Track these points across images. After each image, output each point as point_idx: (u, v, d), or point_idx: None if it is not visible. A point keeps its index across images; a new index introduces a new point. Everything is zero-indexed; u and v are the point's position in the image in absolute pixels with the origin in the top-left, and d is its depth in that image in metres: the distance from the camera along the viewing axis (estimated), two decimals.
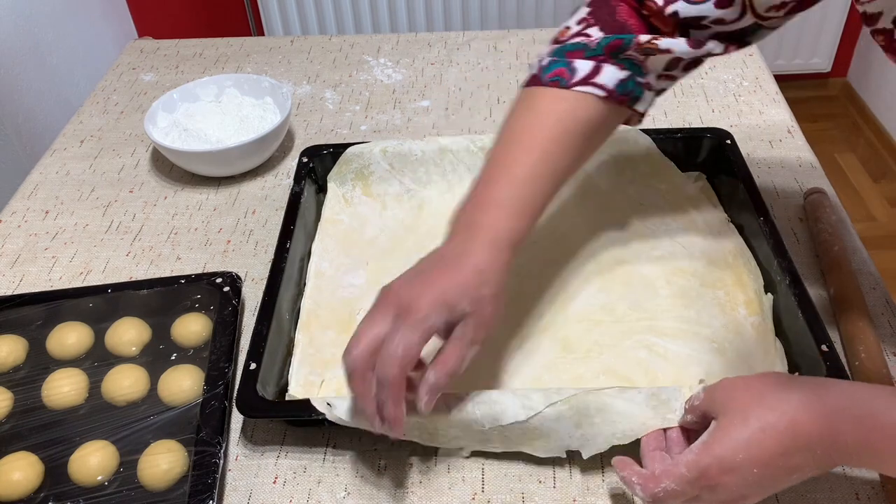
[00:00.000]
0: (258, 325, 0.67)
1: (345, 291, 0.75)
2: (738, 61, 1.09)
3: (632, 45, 0.62)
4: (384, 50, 1.16)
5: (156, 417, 0.65)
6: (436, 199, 0.85)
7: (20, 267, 0.83)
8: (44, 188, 0.94)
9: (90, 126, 1.04)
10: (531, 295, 0.74)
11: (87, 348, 0.71)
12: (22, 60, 1.45)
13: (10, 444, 0.63)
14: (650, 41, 0.62)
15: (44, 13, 1.54)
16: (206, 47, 1.19)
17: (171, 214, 0.89)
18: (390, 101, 1.06)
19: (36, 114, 1.46)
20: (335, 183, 0.86)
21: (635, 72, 0.64)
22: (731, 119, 0.98)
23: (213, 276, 0.75)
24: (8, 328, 0.72)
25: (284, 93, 0.96)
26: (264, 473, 0.63)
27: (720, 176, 0.84)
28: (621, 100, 0.63)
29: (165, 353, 0.70)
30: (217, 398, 0.64)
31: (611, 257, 0.77)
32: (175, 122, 0.94)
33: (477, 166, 0.86)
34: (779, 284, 0.70)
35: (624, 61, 0.63)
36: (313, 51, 1.17)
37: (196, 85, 0.99)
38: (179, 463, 0.60)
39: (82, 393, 0.67)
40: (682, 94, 1.03)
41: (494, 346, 0.69)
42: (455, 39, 1.18)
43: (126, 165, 0.97)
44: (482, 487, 0.60)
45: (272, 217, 0.87)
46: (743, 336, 0.69)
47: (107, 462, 0.61)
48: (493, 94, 1.06)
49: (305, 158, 0.86)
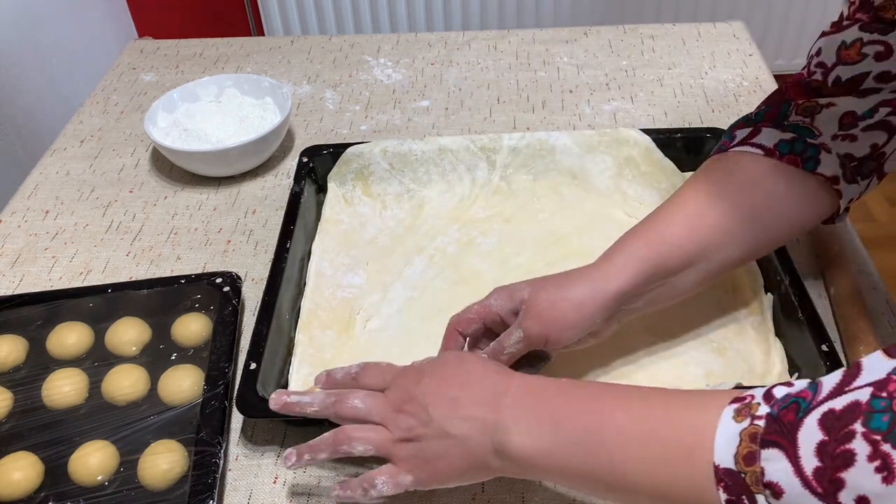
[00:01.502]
0: (258, 325, 0.67)
1: (345, 291, 0.75)
2: (738, 61, 1.09)
3: (791, 108, 0.63)
4: (384, 50, 1.16)
5: (156, 417, 0.65)
6: (436, 199, 0.85)
7: (20, 267, 0.83)
8: (44, 188, 0.94)
9: (90, 126, 1.04)
10: None
11: (87, 348, 0.71)
12: (22, 60, 1.45)
13: (10, 444, 0.63)
14: (809, 100, 0.63)
15: (44, 13, 1.54)
16: (206, 47, 1.19)
17: (171, 214, 0.89)
18: (390, 101, 1.06)
19: (36, 114, 1.46)
20: (335, 183, 0.86)
21: (803, 134, 0.63)
22: (731, 119, 0.97)
23: (213, 276, 0.75)
24: (8, 328, 0.72)
25: (284, 93, 0.96)
26: (264, 473, 0.63)
27: None
28: (791, 160, 0.62)
29: (165, 353, 0.70)
30: (217, 398, 0.64)
31: None
32: (175, 122, 0.94)
33: (476, 166, 0.86)
34: (779, 284, 0.70)
35: (788, 127, 0.63)
36: (313, 51, 1.17)
37: (196, 85, 0.99)
38: (179, 463, 0.60)
39: (82, 393, 0.67)
40: (682, 94, 1.03)
41: None
42: (455, 39, 1.18)
43: (126, 165, 0.97)
44: (482, 487, 0.60)
45: (272, 217, 0.87)
46: (743, 336, 0.69)
47: (107, 462, 0.61)
48: (493, 94, 1.06)
49: (305, 158, 0.86)
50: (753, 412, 0.42)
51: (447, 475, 0.53)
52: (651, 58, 1.11)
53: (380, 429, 0.54)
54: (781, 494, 0.38)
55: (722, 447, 0.42)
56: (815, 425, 0.38)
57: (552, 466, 0.49)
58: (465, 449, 0.51)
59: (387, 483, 0.53)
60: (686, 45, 1.13)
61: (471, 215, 0.83)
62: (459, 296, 0.74)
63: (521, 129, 0.99)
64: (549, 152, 0.85)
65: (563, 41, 1.16)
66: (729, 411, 0.43)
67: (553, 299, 0.59)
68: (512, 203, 0.84)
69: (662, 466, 0.45)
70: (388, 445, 0.54)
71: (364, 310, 0.73)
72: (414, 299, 0.74)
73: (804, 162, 0.62)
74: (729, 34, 1.15)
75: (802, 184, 0.63)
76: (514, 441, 0.49)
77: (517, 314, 0.61)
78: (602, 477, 0.47)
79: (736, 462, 0.41)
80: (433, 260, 0.78)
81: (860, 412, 0.37)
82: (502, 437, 0.50)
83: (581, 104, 1.03)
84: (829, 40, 0.64)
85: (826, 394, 0.39)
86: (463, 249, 0.79)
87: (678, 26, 1.17)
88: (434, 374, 0.55)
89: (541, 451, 0.49)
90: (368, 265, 0.78)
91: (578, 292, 0.60)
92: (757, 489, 0.40)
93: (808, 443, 0.38)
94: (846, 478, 0.36)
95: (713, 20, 1.19)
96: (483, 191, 0.85)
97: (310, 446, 0.56)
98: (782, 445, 0.39)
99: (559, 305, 0.59)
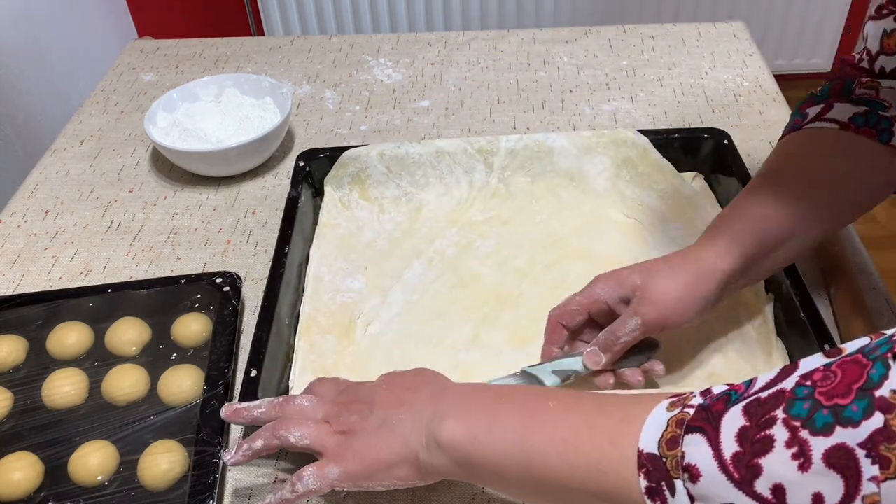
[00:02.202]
0: (258, 331, 0.67)
1: (344, 296, 0.75)
2: (739, 61, 1.09)
3: (854, 84, 0.64)
4: (384, 50, 1.16)
5: (156, 417, 0.65)
6: (433, 202, 0.85)
7: (20, 267, 0.83)
8: (44, 188, 0.94)
9: (90, 126, 1.04)
10: (530, 297, 0.74)
11: (87, 348, 0.71)
12: (22, 60, 1.45)
13: (10, 444, 0.63)
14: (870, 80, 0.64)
15: (44, 13, 1.54)
16: (206, 47, 1.19)
17: (171, 214, 0.89)
18: (390, 101, 1.06)
19: (36, 114, 1.46)
20: (332, 186, 0.85)
21: (875, 107, 0.63)
22: (731, 119, 0.99)
23: (213, 276, 0.75)
24: (8, 328, 0.72)
25: (284, 93, 0.96)
26: (264, 473, 0.63)
27: (718, 176, 0.84)
28: (866, 132, 0.63)
29: (165, 353, 0.70)
30: (217, 398, 0.64)
31: (610, 259, 0.77)
32: (175, 122, 0.94)
33: (474, 168, 0.86)
34: (780, 285, 0.70)
35: (859, 100, 0.64)
36: (313, 51, 1.17)
37: (196, 85, 0.99)
38: (179, 463, 0.61)
39: (82, 393, 0.67)
40: (682, 95, 1.03)
41: (495, 350, 0.69)
42: (455, 39, 1.18)
43: (126, 165, 0.97)
44: (482, 487, 0.60)
45: (272, 217, 0.87)
46: (744, 336, 0.69)
47: (107, 462, 0.61)
48: (493, 94, 1.06)
49: (302, 162, 0.85)
50: (686, 402, 0.42)
51: (374, 468, 0.52)
52: (651, 58, 1.11)
53: (321, 423, 0.55)
54: (698, 478, 0.38)
55: (648, 433, 0.42)
56: (740, 412, 0.38)
57: (481, 454, 0.48)
58: (397, 439, 0.51)
59: (313, 475, 0.53)
60: (686, 45, 1.13)
61: (469, 218, 0.83)
62: (459, 299, 0.74)
63: (521, 129, 0.99)
64: (546, 154, 0.85)
65: (563, 41, 1.16)
66: (664, 403, 0.43)
67: (668, 283, 0.59)
68: (510, 205, 0.84)
69: (590, 451, 0.44)
70: (323, 437, 0.54)
71: (364, 314, 0.73)
72: (414, 303, 0.74)
73: (879, 134, 0.63)
74: (729, 34, 1.15)
75: (878, 155, 0.63)
76: (447, 426, 0.49)
77: (627, 302, 0.61)
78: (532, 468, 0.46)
79: (659, 447, 0.40)
80: (432, 263, 0.78)
81: (783, 399, 0.37)
82: (436, 424, 0.50)
83: (581, 104, 1.03)
84: (874, 26, 0.64)
85: (758, 387, 0.39)
86: (462, 252, 0.79)
87: (678, 26, 1.17)
88: (388, 381, 0.56)
89: (472, 437, 0.48)
90: (367, 269, 0.78)
91: (692, 275, 0.60)
92: (676, 474, 0.39)
93: (730, 428, 0.38)
94: (763, 464, 0.36)
95: (713, 20, 1.19)
96: (481, 193, 0.85)
97: (248, 438, 0.56)
98: (705, 431, 0.39)
99: (675, 289, 0.59)
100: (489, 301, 0.73)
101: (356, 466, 0.52)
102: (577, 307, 0.63)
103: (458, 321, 0.72)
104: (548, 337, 0.64)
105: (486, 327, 0.71)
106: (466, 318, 0.72)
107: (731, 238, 0.61)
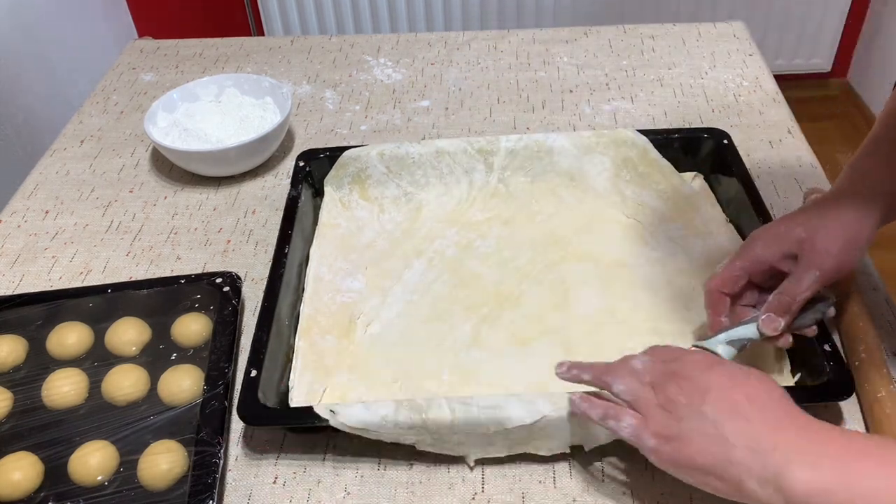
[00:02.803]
0: (258, 331, 0.67)
1: (344, 296, 0.75)
2: (738, 61, 1.09)
3: None
4: (384, 50, 1.16)
5: (156, 417, 0.65)
6: (433, 202, 0.85)
7: (20, 267, 0.83)
8: (44, 188, 0.94)
9: (90, 126, 1.04)
10: (530, 297, 0.74)
11: (87, 348, 0.71)
12: (22, 60, 1.45)
13: (10, 444, 0.63)
14: None
15: (44, 13, 1.54)
16: (206, 47, 1.19)
17: (171, 214, 0.89)
18: (390, 101, 1.06)
19: (36, 114, 1.46)
20: (332, 187, 0.85)
21: None
22: (731, 119, 0.99)
23: (213, 276, 0.75)
24: (8, 328, 0.72)
25: (284, 93, 0.96)
26: (264, 473, 0.63)
27: (718, 176, 0.84)
28: None
29: (165, 353, 0.70)
30: (217, 398, 0.64)
31: (610, 259, 0.77)
32: (175, 122, 0.94)
33: (474, 168, 0.86)
34: None
35: None
36: (313, 51, 1.17)
37: (196, 85, 0.99)
38: (179, 463, 0.61)
39: (82, 393, 0.67)
40: (682, 95, 1.03)
41: (496, 350, 0.69)
42: (455, 39, 1.19)
43: (126, 165, 0.97)
44: (482, 487, 0.61)
45: (272, 217, 0.87)
46: None
47: (107, 462, 0.61)
48: (493, 94, 1.06)
49: (302, 162, 0.85)
50: None
51: (687, 466, 0.50)
52: (651, 58, 1.11)
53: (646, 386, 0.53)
54: None
55: None
56: None
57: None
58: (721, 452, 0.49)
59: (631, 427, 0.52)
60: (686, 45, 1.13)
61: (469, 218, 0.83)
62: (459, 299, 0.74)
63: (521, 129, 0.99)
64: (546, 154, 0.85)
65: (563, 41, 1.16)
66: None
67: (836, 229, 0.59)
68: (510, 205, 0.84)
69: None
70: (644, 400, 0.52)
71: (364, 314, 0.73)
72: (414, 303, 0.74)
73: None
74: (729, 34, 1.15)
75: None
76: (795, 473, 0.46)
77: (790, 257, 0.60)
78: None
79: None
80: (432, 263, 0.78)
81: None
82: (782, 466, 0.46)
83: (581, 104, 1.03)
84: None
85: None
86: (462, 252, 0.79)
87: (678, 26, 1.17)
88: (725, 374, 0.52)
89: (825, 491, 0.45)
90: (367, 269, 0.78)
91: (853, 219, 0.60)
92: None
93: None
94: None
95: (713, 20, 1.19)
96: (481, 193, 0.85)
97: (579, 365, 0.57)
98: None
99: (843, 234, 0.59)
100: (489, 301, 0.73)
101: (669, 455, 0.51)
102: (739, 272, 0.62)
103: (459, 321, 0.72)
104: (713, 308, 0.63)
105: (487, 327, 0.71)
106: (466, 318, 0.72)
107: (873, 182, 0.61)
